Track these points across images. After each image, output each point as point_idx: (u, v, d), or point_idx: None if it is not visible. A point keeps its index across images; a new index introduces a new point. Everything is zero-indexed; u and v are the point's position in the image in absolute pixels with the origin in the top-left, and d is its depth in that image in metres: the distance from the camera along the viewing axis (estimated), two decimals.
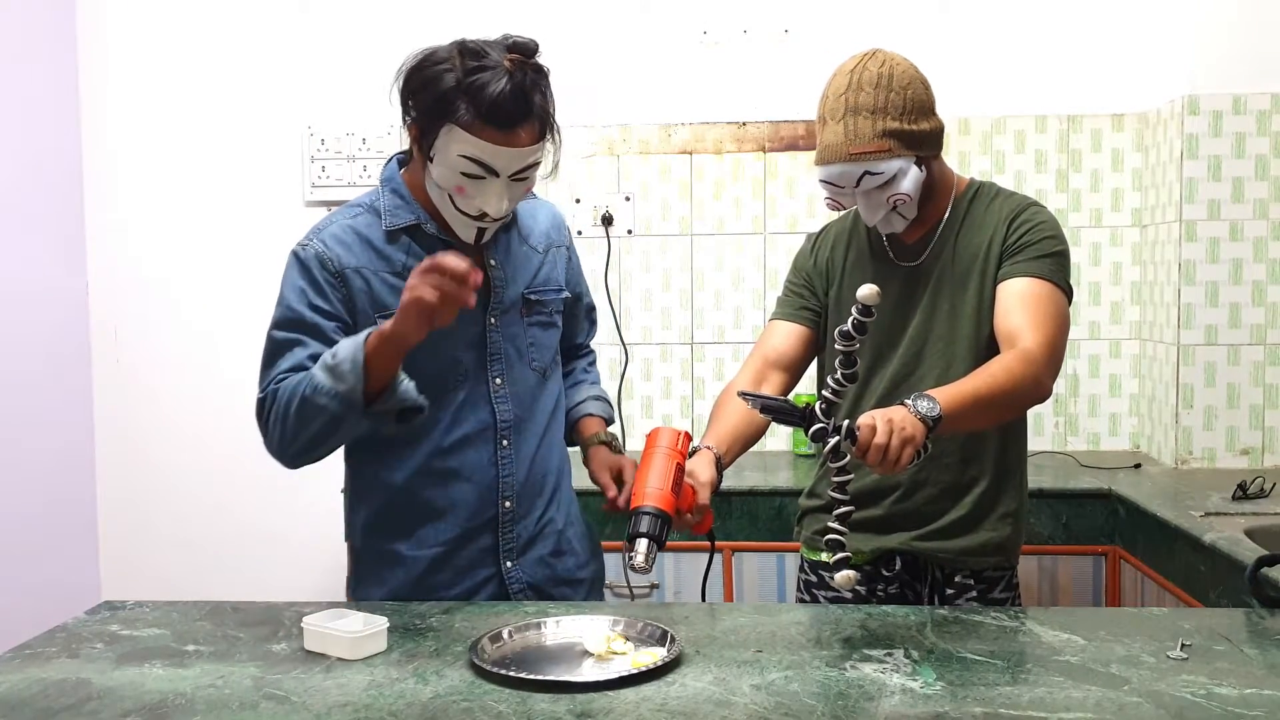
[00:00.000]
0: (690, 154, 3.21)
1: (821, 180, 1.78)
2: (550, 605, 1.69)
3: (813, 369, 2.00)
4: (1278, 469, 2.80)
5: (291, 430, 1.59)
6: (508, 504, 1.74)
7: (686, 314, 3.25)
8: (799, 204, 3.19)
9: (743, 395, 1.53)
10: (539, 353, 1.78)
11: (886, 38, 2.00)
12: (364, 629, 1.44)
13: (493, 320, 1.72)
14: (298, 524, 3.20)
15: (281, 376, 1.61)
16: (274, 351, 1.64)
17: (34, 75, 3.15)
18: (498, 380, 1.72)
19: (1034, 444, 3.12)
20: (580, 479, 1.88)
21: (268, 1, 3.26)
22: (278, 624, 1.58)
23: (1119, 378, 3.15)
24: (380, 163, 3.22)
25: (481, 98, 1.51)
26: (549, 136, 1.60)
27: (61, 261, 3.25)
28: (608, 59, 3.21)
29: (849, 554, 1.50)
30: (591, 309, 1.99)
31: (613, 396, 3.26)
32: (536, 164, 1.60)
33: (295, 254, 1.67)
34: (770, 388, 1.86)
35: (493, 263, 1.72)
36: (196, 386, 3.30)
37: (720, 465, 1.73)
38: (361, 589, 1.77)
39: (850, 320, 1.46)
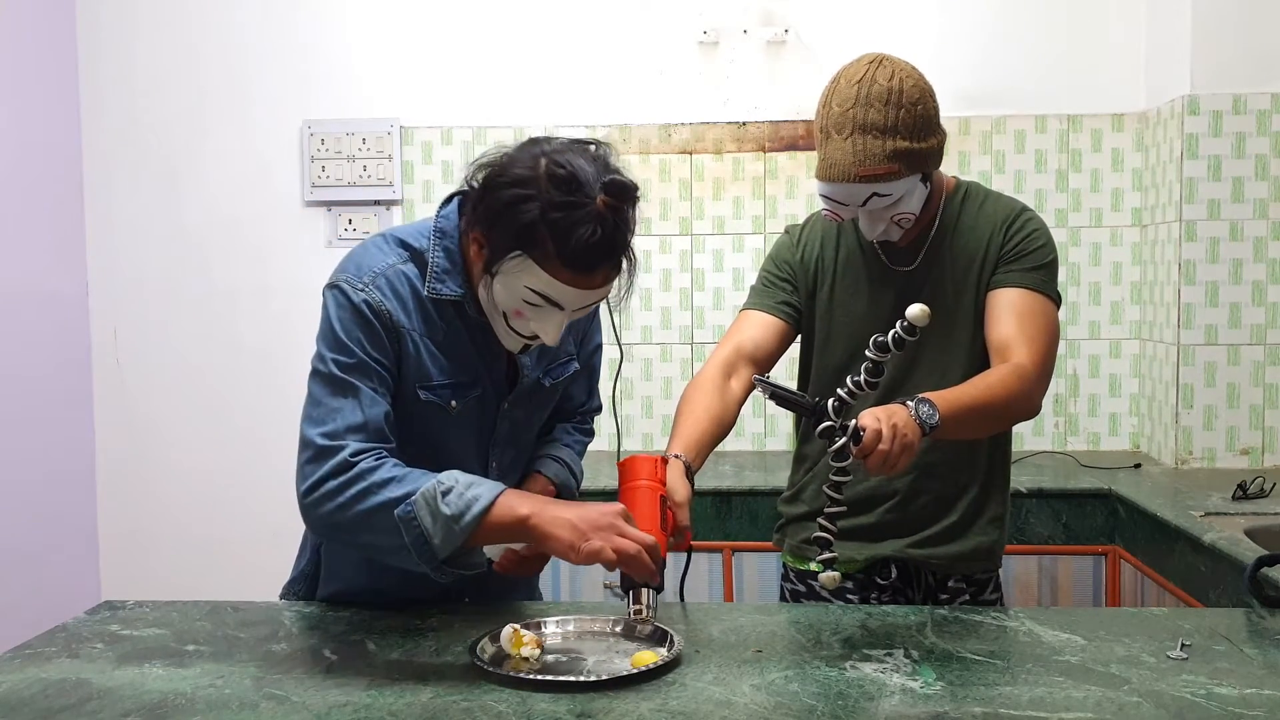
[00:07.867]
0: (690, 154, 3.21)
1: (823, 195, 1.72)
2: (550, 605, 1.69)
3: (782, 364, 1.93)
4: (1278, 469, 2.80)
5: (349, 521, 1.44)
6: None
7: (686, 314, 3.25)
8: (799, 204, 3.19)
9: (758, 381, 1.48)
10: (530, 432, 1.71)
11: (886, 38, 2.00)
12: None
13: (505, 406, 1.63)
14: (298, 523, 3.17)
15: (353, 437, 1.43)
16: (335, 388, 1.45)
17: (33, 76, 3.15)
18: (494, 464, 1.65)
19: (1034, 444, 3.15)
20: None
21: (267, 0, 3.26)
22: (278, 624, 1.58)
23: (1119, 378, 3.15)
24: (380, 162, 3.22)
25: (567, 241, 1.37)
26: (624, 268, 1.47)
27: (61, 263, 3.25)
28: (608, 59, 3.21)
29: (836, 554, 1.50)
30: (597, 349, 1.84)
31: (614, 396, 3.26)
32: (604, 298, 1.49)
33: (346, 294, 1.47)
34: (739, 380, 1.78)
35: (525, 359, 1.61)
36: (196, 387, 3.30)
37: (690, 474, 1.64)
38: (327, 586, 1.72)
39: (892, 335, 1.45)
